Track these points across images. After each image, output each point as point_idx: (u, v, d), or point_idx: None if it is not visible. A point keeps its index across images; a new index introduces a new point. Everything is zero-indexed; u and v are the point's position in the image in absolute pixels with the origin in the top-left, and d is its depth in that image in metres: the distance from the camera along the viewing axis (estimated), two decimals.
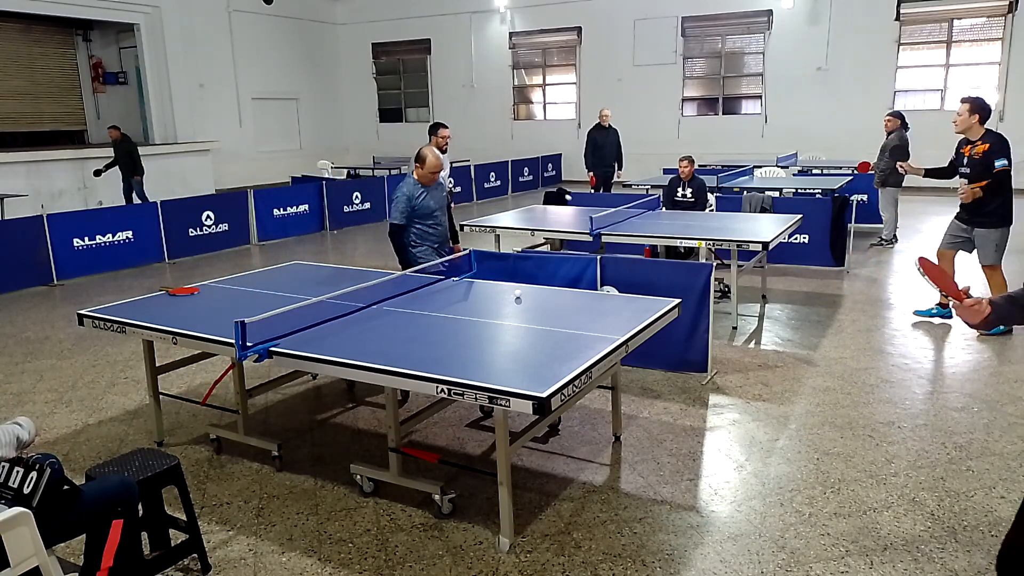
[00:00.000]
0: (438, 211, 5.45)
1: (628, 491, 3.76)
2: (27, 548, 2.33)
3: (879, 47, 15.81)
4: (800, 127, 16.49)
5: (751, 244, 5.99)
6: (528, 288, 4.54)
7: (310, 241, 11.85)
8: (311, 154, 20.00)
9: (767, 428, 4.43)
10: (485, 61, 20.43)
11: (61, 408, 5.09)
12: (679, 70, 17.98)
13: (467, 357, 3.36)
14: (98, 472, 2.97)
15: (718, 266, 5.91)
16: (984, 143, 5.86)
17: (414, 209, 5.31)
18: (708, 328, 5.12)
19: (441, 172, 5.51)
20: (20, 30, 16.96)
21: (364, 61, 22.23)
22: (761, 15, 16.81)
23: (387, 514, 3.59)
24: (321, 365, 3.30)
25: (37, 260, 8.86)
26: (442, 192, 5.56)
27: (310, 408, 4.98)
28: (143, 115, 17.56)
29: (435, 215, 5.42)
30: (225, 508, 3.70)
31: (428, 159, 5.25)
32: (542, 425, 3.85)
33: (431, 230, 5.43)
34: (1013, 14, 14.67)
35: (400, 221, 5.32)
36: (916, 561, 3.10)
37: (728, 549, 3.23)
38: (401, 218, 5.31)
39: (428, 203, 5.35)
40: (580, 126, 18.79)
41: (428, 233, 5.43)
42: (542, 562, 3.17)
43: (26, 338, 6.82)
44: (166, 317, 4.04)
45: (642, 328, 3.57)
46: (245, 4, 19.03)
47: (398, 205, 5.31)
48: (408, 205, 5.29)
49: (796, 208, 7.88)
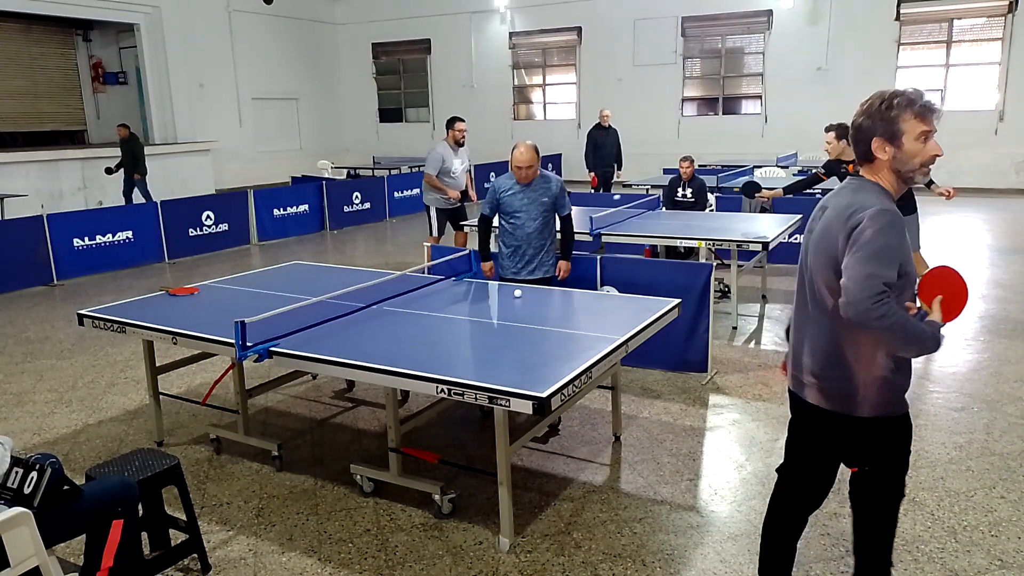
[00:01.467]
0: (522, 213, 4.95)
1: (628, 491, 3.76)
2: (27, 548, 2.33)
3: (879, 47, 15.81)
4: (800, 127, 16.45)
5: (751, 244, 6.00)
6: (528, 288, 4.55)
7: (310, 241, 11.85)
8: (311, 154, 20.00)
9: (767, 428, 4.43)
10: (485, 61, 20.43)
11: (61, 408, 5.09)
12: (679, 70, 17.98)
13: (467, 357, 3.36)
14: (98, 472, 2.97)
15: (718, 266, 5.91)
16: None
17: (499, 203, 5.02)
18: (708, 328, 5.12)
19: (533, 170, 4.90)
20: (20, 30, 16.97)
21: (364, 61, 22.23)
22: (761, 15, 16.81)
23: (387, 514, 3.59)
24: (321, 365, 3.30)
25: (37, 260, 8.86)
26: (543, 196, 4.95)
27: (310, 408, 4.98)
28: (143, 115, 17.57)
29: (518, 215, 4.97)
30: (225, 508, 3.70)
31: (513, 153, 4.86)
32: (542, 425, 3.85)
33: (513, 231, 5.03)
34: (1013, 14, 14.66)
35: (483, 211, 5.13)
36: (916, 561, 3.10)
37: (728, 549, 3.23)
38: (486, 208, 5.10)
39: (513, 201, 4.95)
40: (580, 126, 18.79)
41: (508, 232, 5.06)
42: (542, 562, 3.17)
43: (26, 338, 6.82)
44: (166, 317, 4.04)
45: (642, 328, 3.57)
46: (245, 4, 19.03)
47: (487, 195, 5.14)
48: (493, 197, 5.04)
49: (796, 208, 7.88)
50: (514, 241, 5.04)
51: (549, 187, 4.96)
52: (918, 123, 2.24)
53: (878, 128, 2.27)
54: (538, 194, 4.94)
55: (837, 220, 2.27)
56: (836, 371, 2.36)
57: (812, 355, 2.42)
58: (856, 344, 2.31)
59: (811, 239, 2.41)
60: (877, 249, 2.15)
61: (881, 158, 2.29)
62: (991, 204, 13.14)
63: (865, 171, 2.36)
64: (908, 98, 2.24)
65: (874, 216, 2.17)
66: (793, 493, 2.68)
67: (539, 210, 4.95)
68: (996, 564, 3.06)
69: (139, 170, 12.65)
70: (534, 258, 5.03)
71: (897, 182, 2.32)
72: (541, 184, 4.95)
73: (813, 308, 2.41)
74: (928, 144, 2.26)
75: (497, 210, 5.06)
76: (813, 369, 2.42)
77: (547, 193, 4.95)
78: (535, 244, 5.00)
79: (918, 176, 2.30)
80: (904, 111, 2.23)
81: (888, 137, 2.26)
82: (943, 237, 10.18)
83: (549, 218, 5.02)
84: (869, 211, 2.19)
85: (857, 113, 2.35)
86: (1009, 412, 4.57)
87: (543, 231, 5.00)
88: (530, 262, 5.04)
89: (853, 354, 2.32)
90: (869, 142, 2.29)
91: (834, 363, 2.36)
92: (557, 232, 5.16)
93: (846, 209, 2.26)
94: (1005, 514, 3.42)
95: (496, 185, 5.04)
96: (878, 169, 2.32)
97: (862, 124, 2.32)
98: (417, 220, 8.17)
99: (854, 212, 2.22)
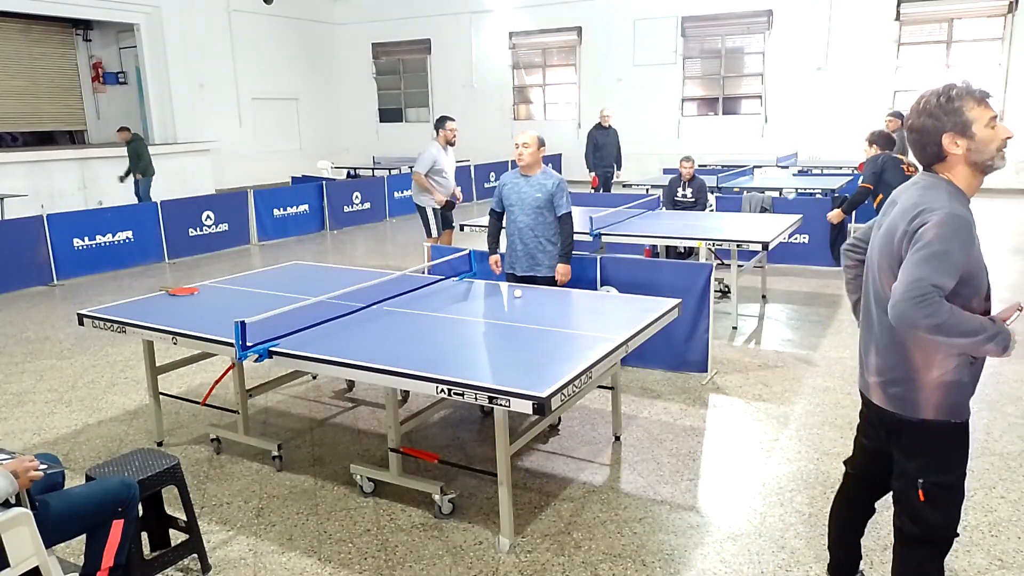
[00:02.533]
0: (515, 206, 4.91)
1: (628, 491, 3.76)
2: (27, 548, 2.33)
3: (879, 47, 15.81)
4: (800, 127, 16.49)
5: (751, 244, 5.99)
6: (528, 288, 4.55)
7: (310, 241, 11.85)
8: (311, 154, 20.00)
9: (767, 428, 4.43)
10: (485, 61, 20.43)
11: (61, 408, 5.09)
12: (679, 70, 17.98)
13: (467, 357, 3.36)
14: (98, 472, 2.97)
15: (718, 266, 5.90)
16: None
17: (501, 196, 5.02)
18: (708, 328, 5.12)
19: (532, 152, 4.85)
20: (20, 30, 16.96)
21: (364, 61, 22.23)
22: (761, 15, 16.81)
23: (387, 514, 3.59)
24: (321, 365, 3.30)
25: (37, 260, 8.86)
26: (537, 192, 4.85)
27: (310, 408, 4.98)
28: (143, 115, 17.56)
29: (512, 209, 4.94)
30: (225, 508, 3.70)
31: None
32: (542, 425, 3.85)
33: (508, 225, 5.03)
34: (1013, 14, 14.67)
35: (493, 205, 5.11)
36: None
37: (728, 549, 3.23)
38: (494, 201, 5.06)
39: (510, 194, 4.95)
40: (580, 126, 18.80)
41: (506, 226, 5.05)
42: (542, 562, 3.17)
43: (26, 338, 6.82)
44: (166, 317, 4.04)
45: (642, 328, 3.57)
46: (245, 4, 19.02)
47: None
48: (499, 190, 5.03)
49: (796, 208, 7.89)
50: (509, 235, 5.00)
51: (546, 183, 4.86)
52: (983, 109, 2.17)
53: (946, 124, 2.18)
54: (534, 188, 4.86)
55: (902, 218, 2.20)
56: (899, 372, 2.29)
57: (877, 354, 2.37)
58: (920, 344, 2.23)
59: (878, 235, 2.34)
60: (934, 254, 2.06)
61: (955, 153, 2.19)
62: (991, 204, 13.14)
63: (938, 169, 2.26)
64: (964, 88, 2.18)
65: (941, 221, 2.09)
66: (857, 485, 2.72)
67: (532, 205, 4.85)
68: (996, 564, 3.06)
69: (139, 169, 12.62)
70: (525, 254, 4.95)
71: (974, 176, 2.23)
72: (540, 179, 4.88)
73: (876, 306, 2.35)
74: (998, 127, 2.18)
75: (505, 206, 5.02)
76: (878, 368, 2.37)
77: (542, 188, 4.84)
78: (526, 239, 4.91)
79: (997, 162, 2.21)
80: (966, 100, 2.16)
81: (959, 130, 2.17)
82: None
83: (544, 215, 4.89)
84: (937, 214, 2.10)
85: (913, 116, 2.26)
86: (1009, 412, 4.57)
87: (535, 228, 4.88)
88: (521, 258, 4.97)
89: (917, 354, 2.25)
90: (939, 140, 2.20)
91: (897, 363, 2.30)
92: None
93: (913, 208, 2.18)
94: (1005, 514, 3.42)
95: (502, 178, 5.03)
96: (951, 165, 2.22)
97: (924, 125, 2.22)
98: (418, 220, 8.15)
99: (921, 212, 2.14)
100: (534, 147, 4.84)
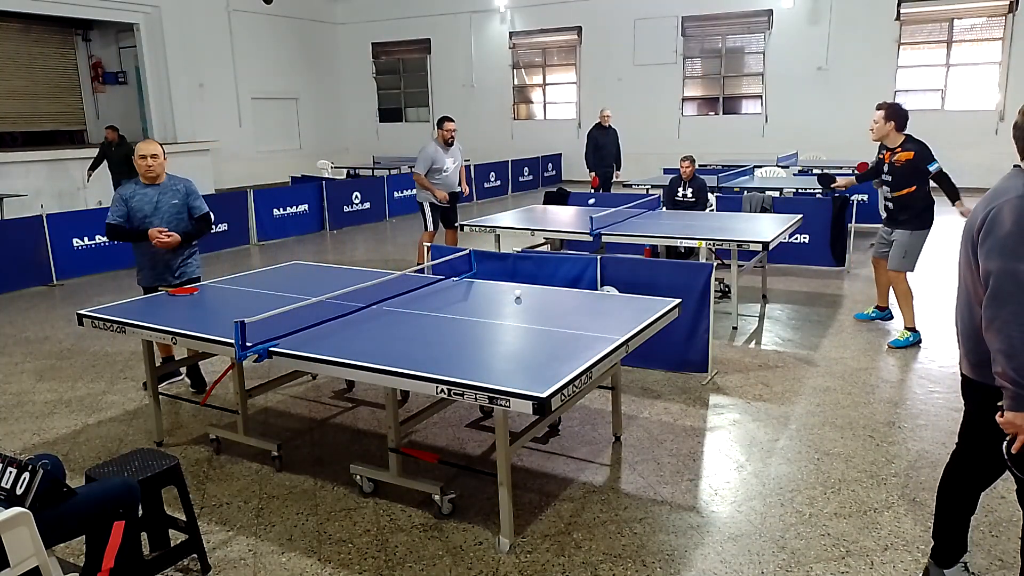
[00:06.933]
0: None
1: (628, 491, 3.76)
2: (27, 548, 2.33)
3: (879, 47, 15.81)
4: (800, 127, 16.49)
5: (751, 244, 5.99)
6: (528, 288, 4.54)
7: (310, 241, 11.85)
8: (311, 154, 19.99)
9: (767, 428, 4.43)
10: (485, 61, 20.43)
11: (61, 408, 5.09)
12: (679, 70, 17.98)
13: (467, 357, 3.36)
14: (98, 472, 2.97)
15: (718, 266, 5.90)
16: (907, 151, 5.78)
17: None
18: (708, 328, 5.12)
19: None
20: (20, 30, 16.96)
21: (364, 61, 22.23)
22: (761, 15, 16.81)
23: (387, 514, 3.59)
24: (321, 365, 3.30)
25: (37, 260, 8.85)
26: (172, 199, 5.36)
27: (310, 408, 4.98)
28: (143, 115, 17.55)
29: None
30: (225, 508, 3.70)
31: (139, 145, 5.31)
32: (542, 425, 3.85)
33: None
34: (1013, 14, 14.66)
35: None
36: (916, 561, 3.09)
37: (728, 549, 3.23)
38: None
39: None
40: (580, 126, 18.79)
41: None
42: (542, 562, 3.17)
43: (26, 338, 6.81)
44: (166, 317, 4.04)
45: (642, 328, 3.57)
46: (245, 4, 19.02)
47: None
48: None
49: (796, 208, 7.88)
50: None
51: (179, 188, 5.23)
52: None
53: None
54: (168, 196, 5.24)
55: (982, 205, 2.35)
56: (982, 345, 2.40)
57: (963, 333, 2.55)
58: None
59: (967, 220, 2.51)
60: (1013, 240, 2.18)
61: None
62: None
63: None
64: None
65: (1014, 202, 2.20)
66: (962, 470, 2.73)
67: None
68: (996, 564, 3.06)
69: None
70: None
71: None
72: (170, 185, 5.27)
73: (960, 285, 2.54)
74: None
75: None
76: (964, 343, 2.55)
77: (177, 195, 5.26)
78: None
79: None
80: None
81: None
82: (943, 238, 10.16)
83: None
84: (1010, 197, 2.22)
85: (1019, 115, 2.39)
86: None
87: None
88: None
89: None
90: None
91: (978, 337, 2.41)
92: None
93: (991, 196, 2.34)
94: (1005, 514, 3.42)
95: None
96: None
97: (1018, 122, 2.37)
98: (417, 220, 8.18)
99: (995, 197, 2.29)
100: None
